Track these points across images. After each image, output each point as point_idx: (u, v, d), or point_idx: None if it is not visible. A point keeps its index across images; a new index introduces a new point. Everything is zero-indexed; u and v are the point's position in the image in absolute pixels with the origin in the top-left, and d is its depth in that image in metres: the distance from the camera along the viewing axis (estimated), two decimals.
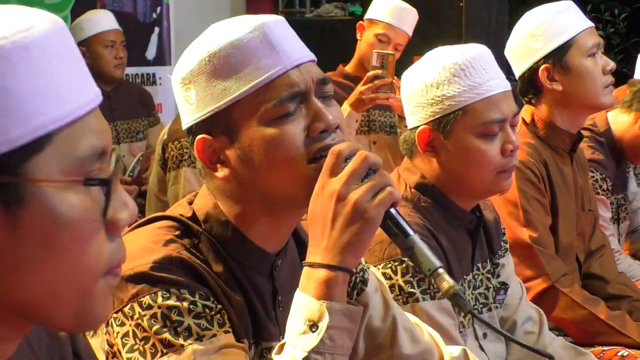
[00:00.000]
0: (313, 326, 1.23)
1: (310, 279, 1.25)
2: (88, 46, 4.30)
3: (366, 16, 4.13)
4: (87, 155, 0.85)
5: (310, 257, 1.27)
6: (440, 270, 1.25)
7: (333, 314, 1.23)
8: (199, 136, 1.36)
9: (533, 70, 2.63)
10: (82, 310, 0.88)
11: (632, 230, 3.34)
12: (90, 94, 0.89)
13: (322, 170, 1.27)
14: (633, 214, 3.32)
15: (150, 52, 5.53)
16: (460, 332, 1.98)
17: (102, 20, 4.41)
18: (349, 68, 4.19)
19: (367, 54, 3.98)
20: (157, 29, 5.55)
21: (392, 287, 1.83)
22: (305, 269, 1.27)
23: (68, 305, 0.87)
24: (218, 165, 1.37)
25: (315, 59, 1.40)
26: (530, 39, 2.62)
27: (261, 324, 1.39)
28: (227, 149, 1.35)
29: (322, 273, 1.24)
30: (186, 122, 1.39)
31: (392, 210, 1.26)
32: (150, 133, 4.60)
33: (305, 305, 1.24)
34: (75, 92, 0.86)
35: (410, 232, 1.27)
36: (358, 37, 4.12)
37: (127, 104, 4.49)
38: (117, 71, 4.42)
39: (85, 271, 0.86)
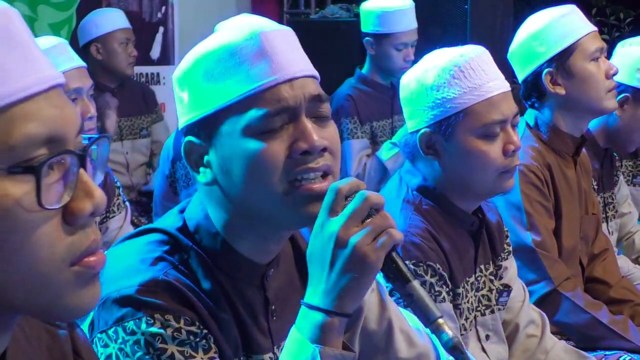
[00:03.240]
0: None
1: (306, 319, 1.23)
2: (103, 43, 4.32)
3: (370, 30, 4.11)
4: (22, 143, 0.82)
5: (308, 297, 1.24)
6: (440, 321, 1.22)
7: (325, 359, 1.21)
8: (187, 138, 1.34)
9: (536, 74, 2.64)
10: (52, 302, 0.87)
11: (626, 236, 3.32)
12: (31, 78, 0.85)
13: (320, 207, 1.23)
14: (623, 219, 3.30)
15: (155, 52, 5.53)
16: (462, 334, 1.98)
17: (117, 19, 4.44)
18: (366, 72, 4.22)
19: (390, 65, 4.05)
20: (162, 29, 5.56)
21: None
22: (303, 308, 1.24)
23: (32, 297, 0.86)
24: (201, 169, 1.34)
25: (317, 76, 1.35)
26: (534, 43, 2.62)
27: (251, 338, 1.37)
28: (210, 155, 1.33)
29: (319, 316, 1.22)
30: (179, 123, 1.37)
31: (393, 253, 1.23)
32: (154, 130, 4.62)
33: (298, 346, 1.23)
34: (7, 79, 0.83)
35: (411, 278, 1.24)
36: (371, 53, 4.14)
37: (130, 101, 4.51)
38: (129, 69, 4.46)
39: (39, 262, 0.84)
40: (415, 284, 1.23)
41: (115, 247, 1.40)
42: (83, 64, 2.81)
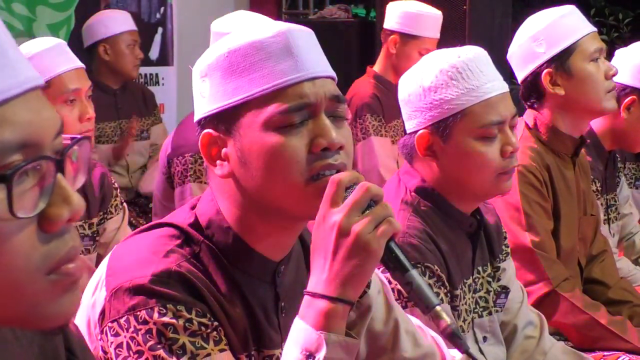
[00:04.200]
0: (310, 356, 1.23)
1: (310, 308, 1.25)
2: (112, 44, 4.35)
3: (399, 29, 4.10)
4: None
5: (312, 286, 1.26)
6: (438, 308, 1.24)
7: (330, 346, 1.22)
8: (205, 131, 1.36)
9: (536, 75, 2.63)
10: (28, 311, 0.85)
11: (626, 237, 3.33)
12: (7, 82, 0.82)
13: (322, 199, 1.26)
14: (624, 220, 3.30)
15: (154, 52, 5.53)
16: None
17: (125, 20, 4.47)
18: (379, 69, 4.21)
19: (408, 67, 4.00)
20: (160, 30, 5.56)
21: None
22: (306, 297, 1.26)
23: (8, 306, 0.84)
24: (218, 162, 1.36)
25: (335, 78, 1.38)
26: (533, 44, 2.62)
27: (263, 332, 1.39)
28: (228, 148, 1.35)
29: (323, 304, 1.24)
30: (197, 115, 1.39)
31: (392, 243, 1.25)
32: (153, 132, 4.63)
33: (303, 334, 1.24)
34: None
35: (409, 267, 1.26)
36: (392, 51, 4.13)
37: (132, 103, 4.54)
38: (135, 71, 4.49)
39: (13, 271, 0.82)
40: (414, 272, 1.26)
41: (126, 241, 1.42)
42: (82, 65, 2.80)
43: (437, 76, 1.94)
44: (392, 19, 4.15)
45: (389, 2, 4.34)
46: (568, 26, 2.61)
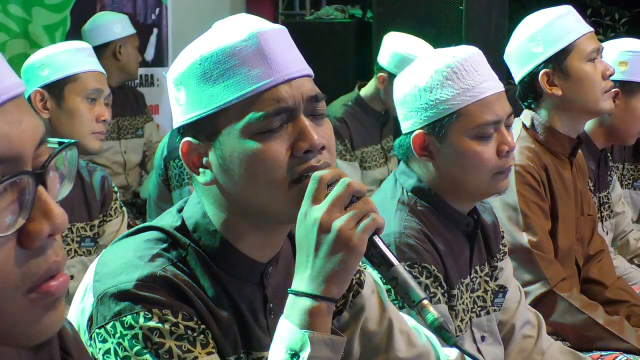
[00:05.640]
0: (295, 355, 1.23)
1: (294, 307, 1.25)
2: (124, 44, 4.50)
3: (388, 68, 3.94)
4: None
5: (295, 285, 1.26)
6: (425, 302, 1.24)
7: (315, 344, 1.22)
8: (185, 139, 1.35)
9: (533, 75, 2.64)
10: (7, 330, 0.81)
11: (620, 236, 3.33)
12: None
13: (304, 196, 1.26)
14: (617, 219, 3.30)
15: (149, 53, 5.53)
16: (457, 335, 1.98)
17: (130, 24, 4.62)
18: (366, 96, 4.16)
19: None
20: (155, 30, 5.56)
21: (387, 292, 1.83)
22: (290, 296, 1.26)
23: None
24: (201, 170, 1.35)
25: (312, 74, 1.37)
26: (530, 44, 2.62)
27: (251, 334, 1.39)
28: (209, 155, 1.34)
29: (306, 302, 1.24)
30: (175, 123, 1.38)
31: (376, 238, 1.25)
32: (146, 129, 4.73)
33: (288, 333, 1.24)
34: None
35: (395, 262, 1.26)
36: (379, 87, 4.05)
37: (126, 101, 4.67)
38: (137, 72, 4.67)
39: None
40: (399, 267, 1.25)
41: (113, 245, 1.41)
42: (104, 71, 2.95)
43: (433, 76, 1.94)
44: (383, 54, 4.02)
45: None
46: (565, 26, 2.61)
